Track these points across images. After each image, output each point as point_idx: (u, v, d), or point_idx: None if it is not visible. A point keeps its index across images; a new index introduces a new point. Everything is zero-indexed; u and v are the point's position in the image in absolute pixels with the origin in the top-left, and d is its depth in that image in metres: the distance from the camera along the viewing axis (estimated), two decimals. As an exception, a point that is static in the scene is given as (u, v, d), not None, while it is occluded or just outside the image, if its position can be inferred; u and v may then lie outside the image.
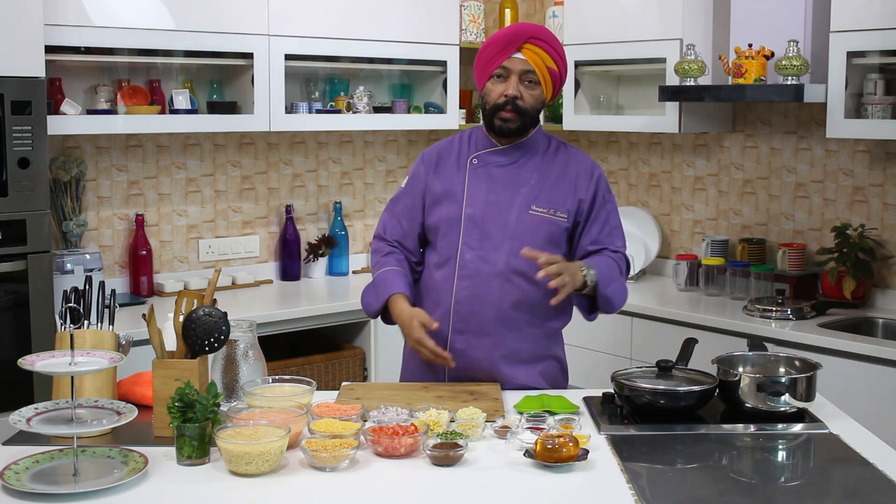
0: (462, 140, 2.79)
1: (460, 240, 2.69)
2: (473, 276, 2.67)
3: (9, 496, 1.88)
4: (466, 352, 2.68)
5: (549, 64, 2.64)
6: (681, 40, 4.04)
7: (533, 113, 2.67)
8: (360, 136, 4.68)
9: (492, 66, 2.65)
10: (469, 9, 4.68)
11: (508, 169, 2.71)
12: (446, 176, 2.74)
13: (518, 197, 2.68)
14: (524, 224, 2.67)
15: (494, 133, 2.71)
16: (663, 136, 4.58)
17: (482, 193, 2.70)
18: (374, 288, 2.75)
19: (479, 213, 2.68)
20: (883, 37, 3.46)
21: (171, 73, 4.03)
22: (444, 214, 2.72)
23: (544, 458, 2.02)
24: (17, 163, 3.15)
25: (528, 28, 2.65)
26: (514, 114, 2.64)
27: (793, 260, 4.02)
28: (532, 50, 2.62)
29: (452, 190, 2.72)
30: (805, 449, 2.26)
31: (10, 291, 3.19)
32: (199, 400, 2.06)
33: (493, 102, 2.66)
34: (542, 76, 2.64)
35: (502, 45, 2.63)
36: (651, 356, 3.68)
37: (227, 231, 4.34)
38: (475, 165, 2.73)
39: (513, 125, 2.66)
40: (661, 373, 2.43)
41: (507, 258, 2.65)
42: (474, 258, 2.67)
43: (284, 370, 3.45)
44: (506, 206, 2.68)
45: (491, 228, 2.67)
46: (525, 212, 2.67)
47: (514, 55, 2.62)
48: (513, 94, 2.62)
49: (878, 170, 3.90)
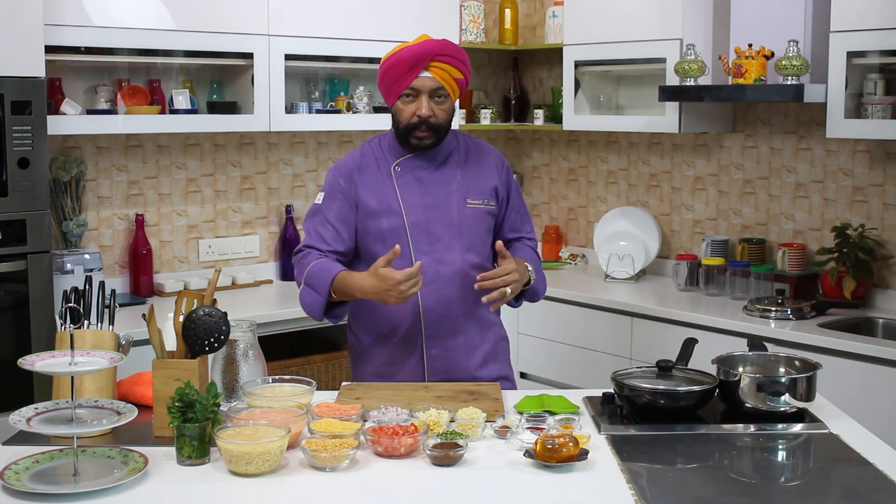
0: (374, 150, 2.77)
1: (411, 248, 2.69)
2: (436, 281, 2.69)
3: (9, 496, 1.88)
4: (444, 354, 2.73)
5: (455, 75, 2.68)
6: (681, 40, 4.04)
7: (446, 125, 2.70)
8: (360, 136, 4.68)
9: (399, 87, 2.65)
10: (469, 9, 4.68)
11: (433, 170, 2.75)
12: (373, 187, 2.72)
13: (452, 194, 2.74)
14: (467, 218, 2.73)
15: (411, 149, 2.73)
16: (663, 136, 4.58)
17: (417, 198, 2.72)
18: (310, 283, 2.62)
19: (421, 217, 2.70)
20: (883, 37, 3.46)
21: (171, 73, 4.03)
22: (386, 226, 2.69)
23: (544, 458, 2.02)
24: (17, 163, 3.15)
25: (433, 46, 2.64)
26: (429, 132, 2.67)
27: (793, 260, 4.02)
28: (439, 67, 2.64)
29: (386, 200, 2.71)
30: (805, 449, 2.26)
31: (10, 291, 3.18)
32: (199, 400, 2.06)
33: (406, 122, 2.67)
34: (451, 88, 2.68)
35: (408, 66, 2.63)
36: (651, 356, 3.69)
37: (227, 231, 4.35)
38: (400, 172, 2.73)
39: (429, 141, 2.69)
40: (661, 373, 2.43)
41: (462, 255, 2.71)
42: (430, 262, 2.68)
43: (284, 370, 3.44)
44: (444, 206, 2.72)
45: (438, 230, 2.71)
46: (463, 206, 2.73)
47: (422, 74, 2.64)
48: (426, 114, 2.64)
49: (878, 170, 3.91)
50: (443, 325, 2.72)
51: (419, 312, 2.71)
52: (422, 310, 2.71)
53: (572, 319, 4.17)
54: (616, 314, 4.05)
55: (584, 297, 4.13)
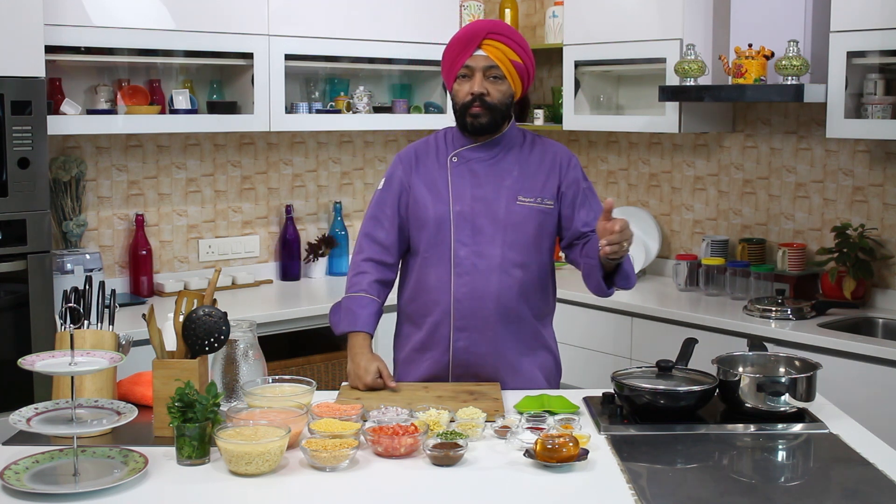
0: (438, 139, 2.81)
1: (452, 237, 2.69)
2: (471, 273, 2.68)
3: (9, 496, 1.88)
4: (470, 348, 2.70)
5: (511, 57, 2.65)
6: (681, 40, 4.04)
7: (502, 108, 2.68)
8: (360, 136, 4.68)
9: (455, 67, 2.67)
10: (469, 9, 4.68)
11: (489, 163, 2.73)
12: (428, 175, 2.75)
13: (503, 189, 2.71)
14: (514, 215, 2.69)
15: (468, 132, 2.72)
16: (663, 136, 4.58)
17: (468, 189, 2.71)
18: (342, 311, 2.74)
19: (467, 209, 2.70)
20: (883, 37, 3.46)
21: (171, 73, 4.03)
22: (432, 213, 2.71)
23: (544, 458, 2.02)
24: (17, 163, 3.15)
25: (486, 24, 2.67)
26: (482, 108, 2.66)
27: (793, 260, 4.02)
28: (492, 45, 2.64)
29: (437, 188, 2.73)
30: (805, 449, 2.26)
31: (10, 291, 3.18)
32: (199, 400, 2.06)
33: (462, 101, 2.68)
34: (507, 70, 2.65)
35: (462, 45, 2.66)
36: (651, 356, 3.68)
37: (227, 231, 4.34)
38: (456, 163, 2.74)
39: (483, 120, 2.67)
40: (661, 373, 2.43)
41: (502, 251, 2.68)
42: (469, 254, 2.68)
43: (284, 370, 3.44)
44: (493, 200, 2.70)
45: (482, 223, 2.69)
46: (513, 203, 2.70)
47: (475, 52, 2.64)
48: (478, 90, 2.64)
49: (878, 170, 3.90)
50: (472, 317, 2.69)
51: (450, 302, 2.70)
52: (452, 300, 2.69)
53: (573, 319, 4.16)
54: (616, 314, 4.05)
55: (584, 298, 4.13)
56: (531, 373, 2.75)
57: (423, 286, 2.75)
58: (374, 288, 2.73)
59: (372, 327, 2.70)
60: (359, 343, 2.66)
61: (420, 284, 2.75)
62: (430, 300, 2.73)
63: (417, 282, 2.76)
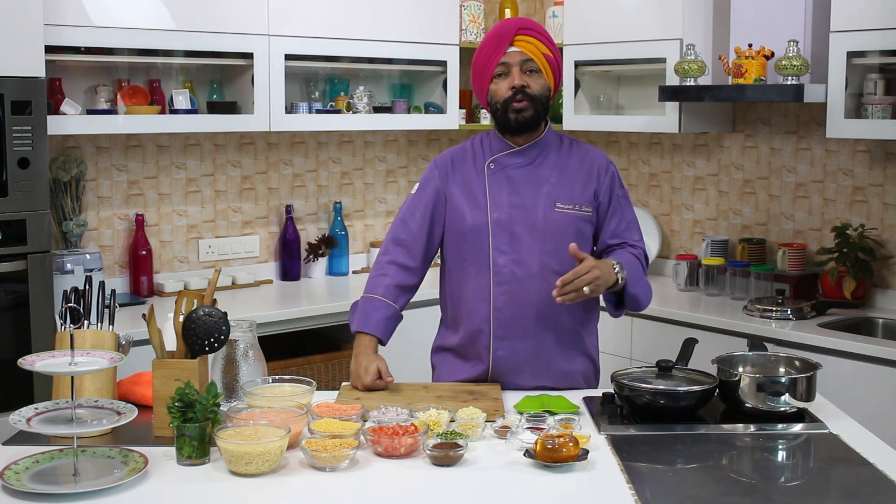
0: (475, 145, 2.77)
1: (490, 246, 2.66)
2: (510, 281, 2.65)
3: (9, 496, 1.88)
4: (510, 357, 2.66)
5: (543, 51, 2.65)
6: (681, 40, 4.04)
7: (542, 100, 2.66)
8: (360, 136, 4.68)
9: (490, 66, 2.65)
10: (469, 9, 4.68)
11: (527, 169, 2.69)
12: (465, 182, 2.71)
13: (541, 196, 2.67)
14: (552, 222, 2.65)
15: (511, 131, 2.68)
16: (663, 136, 4.58)
17: (505, 196, 2.67)
18: (357, 309, 2.73)
19: (505, 216, 2.66)
20: (883, 37, 3.46)
21: (171, 73, 4.03)
22: (469, 222, 2.68)
23: (544, 458, 2.02)
24: (17, 163, 3.15)
25: (515, 21, 2.67)
26: (526, 101, 2.62)
27: (793, 260, 4.02)
28: (525, 40, 2.63)
29: (474, 196, 2.69)
30: (805, 449, 2.26)
31: (10, 291, 3.18)
32: (199, 400, 2.06)
33: (503, 98, 2.64)
34: (542, 64, 2.64)
35: (495, 44, 2.64)
36: (651, 356, 3.69)
37: (227, 231, 4.34)
38: (493, 170, 2.70)
39: (528, 114, 2.63)
40: (661, 373, 2.42)
41: (541, 258, 2.64)
42: (508, 262, 2.65)
43: (284, 370, 3.45)
44: (531, 207, 2.66)
45: (520, 231, 2.65)
46: (551, 210, 2.66)
47: (509, 49, 2.63)
48: (519, 83, 2.62)
49: (878, 170, 3.91)
50: (512, 327, 2.65)
51: (489, 311, 2.67)
52: (492, 309, 2.66)
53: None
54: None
55: (584, 297, 4.12)
56: (572, 381, 2.71)
57: (462, 294, 2.71)
58: (391, 292, 2.71)
59: (380, 330, 2.67)
60: (363, 344, 2.65)
61: (459, 293, 2.72)
62: (468, 309, 2.70)
63: (457, 290, 2.73)
